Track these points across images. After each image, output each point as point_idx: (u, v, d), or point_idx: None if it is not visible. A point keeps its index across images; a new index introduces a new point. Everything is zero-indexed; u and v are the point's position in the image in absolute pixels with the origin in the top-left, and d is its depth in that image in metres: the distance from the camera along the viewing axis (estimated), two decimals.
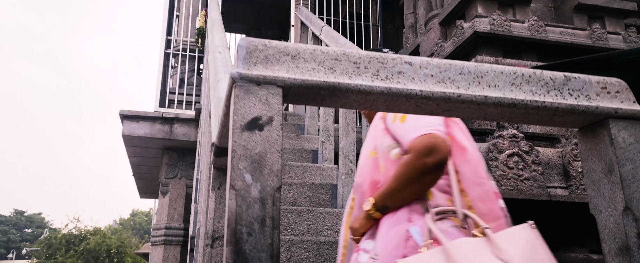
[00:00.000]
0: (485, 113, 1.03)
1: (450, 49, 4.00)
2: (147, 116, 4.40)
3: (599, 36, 3.79)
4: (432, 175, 1.20)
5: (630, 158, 1.00)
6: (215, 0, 4.14)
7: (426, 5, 4.91)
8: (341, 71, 0.96)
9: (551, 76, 1.05)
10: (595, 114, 1.03)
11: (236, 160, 0.84)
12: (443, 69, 1.01)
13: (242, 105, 0.87)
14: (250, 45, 0.93)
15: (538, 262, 1.03)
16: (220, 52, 2.24)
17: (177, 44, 5.06)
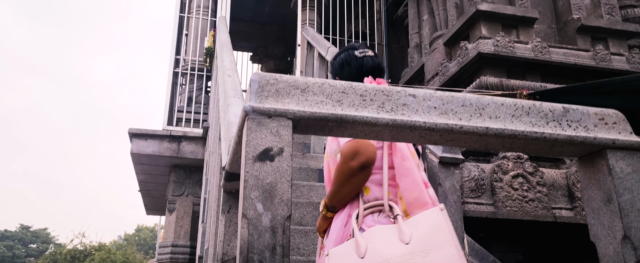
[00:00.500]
0: (486, 143, 1.07)
1: (454, 69, 4.05)
2: (156, 134, 4.46)
3: (603, 57, 3.83)
4: (359, 175, 1.32)
5: (629, 188, 1.03)
6: (224, 22, 4.23)
7: (431, 25, 4.98)
8: (348, 103, 1.00)
9: (550, 108, 1.09)
10: (593, 145, 1.06)
11: (248, 190, 0.88)
12: (446, 101, 1.05)
13: (254, 137, 0.92)
14: (262, 79, 0.98)
15: (436, 241, 1.13)
16: (230, 75, 2.30)
17: (186, 63, 5.15)
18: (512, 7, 4.00)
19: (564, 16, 4.22)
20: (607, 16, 4.13)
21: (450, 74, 4.12)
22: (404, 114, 1.02)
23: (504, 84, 3.60)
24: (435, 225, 1.16)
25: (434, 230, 1.15)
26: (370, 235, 1.19)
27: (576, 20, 4.06)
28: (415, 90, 1.06)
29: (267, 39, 8.28)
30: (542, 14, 4.30)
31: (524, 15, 3.97)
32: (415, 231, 1.16)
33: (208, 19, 5.35)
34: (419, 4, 5.34)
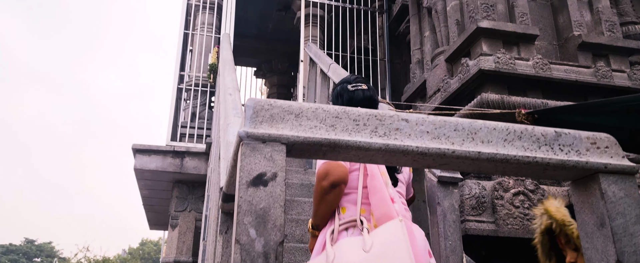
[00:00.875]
0: (479, 167, 1.08)
1: (456, 85, 4.07)
2: (159, 149, 4.50)
3: (604, 74, 3.83)
4: (331, 193, 1.50)
5: (621, 212, 1.04)
6: (227, 40, 4.29)
7: (432, 42, 5.02)
8: (341, 128, 1.02)
9: (542, 132, 1.10)
10: (585, 169, 1.07)
11: (241, 215, 0.89)
12: (438, 126, 1.07)
13: (248, 162, 0.94)
14: (257, 105, 1.00)
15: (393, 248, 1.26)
16: (231, 94, 2.32)
17: (190, 79, 5.21)
18: (513, 25, 4.03)
19: (564, 33, 4.25)
20: (608, 33, 4.15)
21: (451, 90, 4.14)
22: (397, 138, 1.03)
23: (505, 101, 3.61)
24: (393, 234, 1.29)
25: (392, 239, 1.28)
26: (339, 246, 1.35)
27: (577, 37, 4.08)
28: (408, 115, 1.07)
29: (271, 55, 8.36)
30: (543, 30, 4.33)
31: (524, 32, 4.00)
32: (376, 241, 1.30)
33: (212, 36, 5.42)
34: (421, 21, 5.38)
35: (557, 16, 4.37)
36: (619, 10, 4.63)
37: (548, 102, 3.66)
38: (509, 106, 3.62)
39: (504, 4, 4.26)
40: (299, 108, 1.01)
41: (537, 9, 4.43)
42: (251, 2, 6.72)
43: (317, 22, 6.04)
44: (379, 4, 6.38)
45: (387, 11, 6.30)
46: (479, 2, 4.11)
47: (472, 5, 4.16)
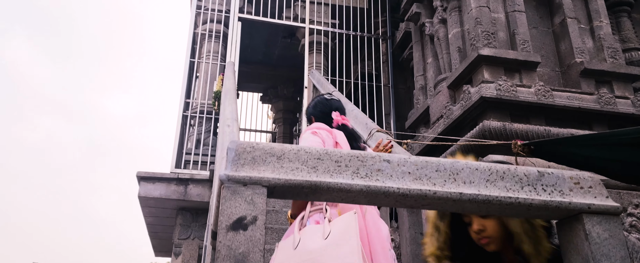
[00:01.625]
0: (462, 207, 1.08)
1: (458, 112, 4.07)
2: (163, 177, 4.53)
3: (607, 101, 3.82)
4: None
5: (606, 254, 1.03)
6: (231, 68, 4.36)
7: (435, 68, 5.05)
8: (323, 169, 1.03)
9: (525, 172, 1.10)
10: (569, 210, 1.07)
11: (220, 260, 0.90)
12: (420, 167, 1.08)
13: (228, 206, 0.95)
14: (239, 148, 1.02)
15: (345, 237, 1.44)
16: (229, 125, 2.35)
17: (195, 106, 5.28)
18: (514, 52, 4.05)
19: (567, 60, 4.26)
20: (610, 60, 4.14)
21: (454, 117, 4.14)
22: (379, 180, 1.04)
23: (507, 128, 3.60)
24: (347, 225, 1.47)
25: (345, 229, 1.46)
26: (304, 232, 1.57)
27: (579, 64, 4.09)
28: (390, 156, 1.08)
29: (276, 80, 8.45)
30: (545, 57, 4.34)
31: (526, 59, 4.01)
32: (333, 229, 1.49)
33: (217, 64, 5.52)
34: (424, 47, 5.44)
35: (559, 43, 4.38)
36: (622, 36, 4.64)
37: (551, 129, 3.64)
38: (511, 133, 3.60)
39: (505, 32, 4.29)
40: (281, 150, 1.03)
41: (538, 35, 4.45)
42: (257, 30, 6.84)
43: (321, 49, 6.12)
44: (382, 30, 6.46)
45: (390, 38, 6.38)
46: (480, 30, 4.15)
47: (473, 33, 4.20)
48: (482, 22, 4.19)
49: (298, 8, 6.22)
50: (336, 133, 2.06)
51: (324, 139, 2.00)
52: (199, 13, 5.77)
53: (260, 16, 6.03)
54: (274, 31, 6.98)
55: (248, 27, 6.23)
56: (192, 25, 5.68)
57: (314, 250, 1.46)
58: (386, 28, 6.44)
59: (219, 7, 5.81)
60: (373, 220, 1.78)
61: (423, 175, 1.07)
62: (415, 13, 5.38)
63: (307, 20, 6.15)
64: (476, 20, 4.22)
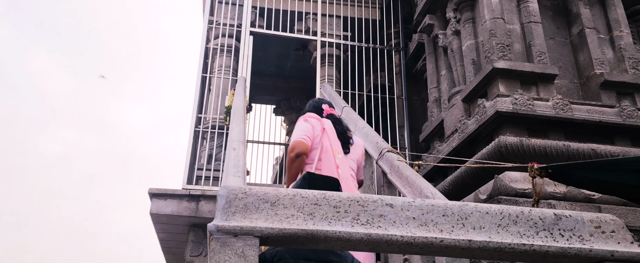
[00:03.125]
0: (472, 255, 1.00)
1: (473, 126, 3.96)
2: (175, 194, 4.51)
3: (630, 114, 3.67)
4: (296, 161, 2.31)
5: None
6: (242, 83, 4.33)
7: (449, 81, 4.95)
8: (321, 216, 0.97)
9: (540, 215, 1.02)
10: (589, 258, 0.98)
11: None
12: (426, 211, 1.00)
13: (217, 260, 0.89)
14: (230, 194, 0.96)
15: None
16: (235, 148, 2.30)
17: (207, 121, 5.27)
18: (531, 64, 3.93)
19: (586, 71, 4.12)
20: (632, 70, 3.99)
21: (469, 132, 4.03)
22: (381, 227, 0.97)
23: (524, 144, 3.48)
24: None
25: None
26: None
27: (599, 76, 3.94)
28: (393, 199, 1.01)
29: (289, 92, 8.42)
30: (563, 69, 4.21)
31: (543, 71, 3.89)
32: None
33: (229, 78, 5.51)
34: (437, 59, 5.34)
35: (577, 54, 4.25)
36: None
37: (570, 144, 3.51)
38: (529, 149, 3.48)
39: (521, 43, 4.17)
40: (276, 195, 0.97)
41: (555, 47, 4.32)
42: (270, 43, 6.83)
43: (333, 61, 6.07)
44: (394, 42, 6.39)
45: (403, 49, 6.29)
46: (495, 42, 4.05)
47: (488, 45, 4.10)
48: (496, 34, 4.09)
49: (309, 21, 6.19)
50: (324, 121, 2.52)
51: (314, 125, 2.45)
52: (211, 28, 5.78)
53: (272, 30, 6.01)
54: (286, 43, 6.97)
55: (260, 40, 6.23)
56: (204, 40, 5.69)
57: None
58: (399, 39, 6.37)
59: (231, 21, 5.81)
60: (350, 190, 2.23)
61: (429, 220, 0.99)
62: (428, 25, 5.29)
63: (318, 33, 6.12)
64: (490, 32, 4.11)
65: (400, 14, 6.40)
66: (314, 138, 2.39)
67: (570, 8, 4.40)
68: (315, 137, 2.39)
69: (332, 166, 2.25)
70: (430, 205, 1.00)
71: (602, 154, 3.45)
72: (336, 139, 2.43)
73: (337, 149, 2.35)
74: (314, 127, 2.42)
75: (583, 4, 4.30)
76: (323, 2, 6.22)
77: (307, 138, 2.36)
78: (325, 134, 2.40)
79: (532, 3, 4.28)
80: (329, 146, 2.32)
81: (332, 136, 2.41)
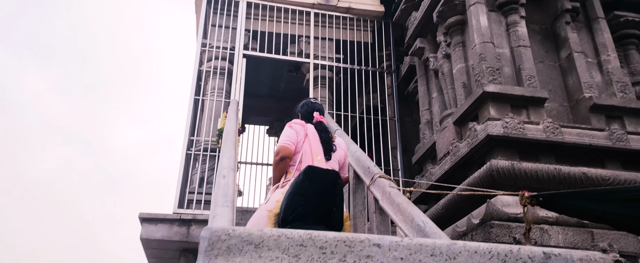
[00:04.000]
0: None
1: (465, 150, 3.97)
2: (166, 218, 4.45)
3: (619, 137, 3.70)
4: (280, 164, 2.60)
5: None
6: (235, 107, 4.32)
7: (440, 103, 4.98)
8: (306, 258, 0.95)
9: (529, 254, 1.01)
10: None
11: None
12: (413, 251, 0.99)
13: None
14: (213, 236, 0.94)
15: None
16: (225, 176, 2.28)
17: (199, 144, 5.24)
18: (520, 88, 3.97)
19: (575, 94, 4.16)
20: (620, 94, 4.04)
21: (461, 155, 4.04)
22: None
23: (516, 168, 3.49)
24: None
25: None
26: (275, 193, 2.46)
27: (588, 99, 3.98)
28: (381, 239, 1.00)
29: (283, 113, 8.43)
30: (553, 92, 4.25)
31: (533, 95, 3.93)
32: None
33: (222, 101, 5.50)
34: (428, 82, 5.38)
35: (567, 77, 4.30)
36: (630, 70, 4.54)
37: (561, 168, 3.52)
38: (520, 173, 3.49)
39: (511, 67, 4.22)
40: (260, 236, 0.95)
41: (545, 70, 4.38)
42: (263, 64, 6.86)
43: (325, 83, 6.10)
44: (386, 64, 6.44)
45: (395, 71, 6.35)
46: (485, 65, 4.09)
47: (478, 69, 4.14)
48: (486, 57, 4.14)
49: (302, 44, 6.24)
50: (308, 126, 2.76)
51: (298, 131, 2.70)
52: (204, 51, 5.80)
53: (265, 52, 6.05)
54: (279, 65, 7.00)
55: (254, 62, 6.25)
56: (197, 63, 5.71)
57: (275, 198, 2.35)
58: (391, 62, 6.43)
59: (224, 44, 5.84)
60: None
61: (417, 260, 0.98)
62: (419, 48, 5.35)
63: (311, 56, 6.16)
64: (480, 56, 4.16)
65: (392, 37, 6.47)
66: (297, 142, 2.66)
67: (558, 32, 4.47)
68: (298, 142, 2.66)
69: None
70: (418, 244, 0.99)
71: (592, 178, 3.46)
72: (318, 143, 2.70)
73: (317, 152, 2.64)
74: (298, 133, 2.69)
75: (571, 29, 4.38)
76: (316, 25, 6.28)
77: (291, 143, 2.63)
78: (307, 139, 2.68)
79: (521, 27, 4.35)
80: (309, 149, 2.63)
81: (313, 141, 2.69)
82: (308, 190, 1.85)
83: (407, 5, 5.74)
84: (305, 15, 6.29)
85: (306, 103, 3.02)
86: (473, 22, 4.37)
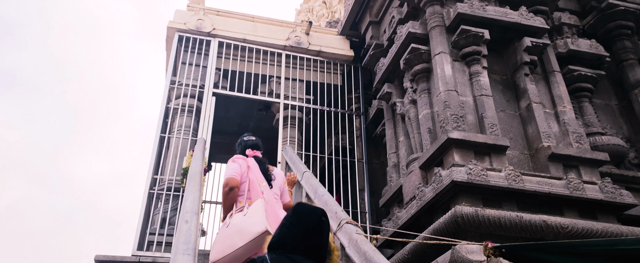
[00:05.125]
0: None
1: (430, 195, 4.02)
2: (124, 261, 4.25)
3: (576, 186, 3.83)
4: (230, 194, 2.89)
5: None
6: (202, 146, 4.26)
7: (407, 147, 5.07)
8: None
9: None
10: None
11: None
12: None
13: None
14: None
15: (255, 210, 2.68)
16: (187, 221, 2.22)
17: (162, 183, 5.10)
18: (483, 136, 4.09)
19: (534, 143, 4.32)
20: (576, 144, 4.23)
21: (427, 199, 4.08)
22: None
23: (479, 215, 3.55)
24: (257, 205, 2.74)
25: (256, 207, 2.71)
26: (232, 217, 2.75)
27: (547, 148, 4.15)
28: None
29: None
30: (514, 140, 4.41)
31: (495, 143, 4.05)
32: (248, 210, 2.73)
33: (189, 139, 5.42)
34: (395, 125, 5.49)
35: (526, 126, 4.47)
36: (585, 121, 4.78)
37: (523, 215, 3.60)
38: (484, 220, 3.54)
39: (474, 115, 4.37)
40: None
41: (506, 118, 4.55)
42: (232, 103, 6.85)
43: (295, 123, 6.12)
44: (355, 106, 6.56)
45: (363, 114, 6.46)
46: (449, 112, 4.22)
47: (443, 115, 4.26)
48: (450, 105, 4.28)
49: (273, 84, 6.30)
50: (249, 160, 3.14)
51: (240, 164, 3.06)
52: (173, 88, 5.76)
53: (236, 91, 6.06)
54: (249, 104, 7.00)
55: (223, 100, 6.24)
56: (165, 100, 5.65)
57: (238, 222, 2.63)
58: (359, 104, 6.54)
59: (194, 82, 5.82)
60: (273, 209, 2.90)
61: None
62: (387, 92, 5.49)
63: (282, 96, 6.21)
64: (445, 103, 4.30)
65: (361, 81, 6.62)
66: (242, 174, 3.00)
67: (518, 83, 4.69)
68: (243, 173, 3.01)
69: (258, 192, 2.93)
70: None
71: (552, 226, 3.55)
72: (259, 172, 3.09)
73: (260, 180, 3.03)
74: (241, 166, 3.04)
75: (529, 80, 4.60)
76: (287, 67, 6.37)
77: (236, 175, 2.96)
78: (250, 170, 3.05)
79: (483, 77, 4.54)
80: (254, 178, 3.00)
81: (255, 171, 3.07)
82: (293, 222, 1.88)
83: (375, 51, 5.93)
84: (276, 57, 6.39)
85: (240, 141, 3.37)
86: (438, 71, 4.54)
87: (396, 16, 5.54)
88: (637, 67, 5.15)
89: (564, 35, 5.20)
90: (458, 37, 4.64)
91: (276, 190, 3.16)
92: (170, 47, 6.23)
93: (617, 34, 5.33)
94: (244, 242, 2.47)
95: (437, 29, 4.79)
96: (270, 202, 2.91)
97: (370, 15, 6.30)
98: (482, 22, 4.68)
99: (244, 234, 2.51)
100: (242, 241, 2.47)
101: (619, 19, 5.28)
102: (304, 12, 12.71)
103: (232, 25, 6.43)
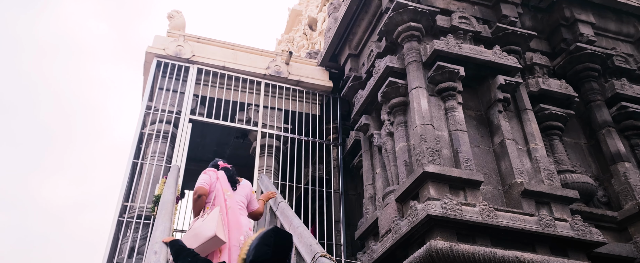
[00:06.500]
0: None
1: (406, 228, 4.00)
2: None
3: (548, 223, 3.88)
4: (198, 201, 3.33)
5: None
6: (175, 173, 4.18)
7: (383, 179, 5.07)
8: None
9: None
10: None
11: None
12: None
13: None
14: None
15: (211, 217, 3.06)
16: (156, 252, 2.15)
17: (133, 210, 4.94)
18: (458, 170, 4.14)
19: (508, 179, 4.39)
20: (547, 181, 4.31)
21: (402, 232, 4.06)
22: None
23: (454, 250, 3.54)
24: (213, 212, 3.08)
25: (212, 214, 3.07)
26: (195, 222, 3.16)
27: (519, 184, 4.21)
28: None
29: None
30: (488, 175, 4.46)
31: (469, 177, 4.10)
32: (206, 215, 3.11)
33: (162, 165, 5.31)
34: (372, 157, 5.51)
35: (500, 162, 4.55)
36: (556, 158, 4.90)
37: (496, 251, 3.62)
38: (458, 255, 3.54)
39: (449, 149, 4.43)
40: None
41: (480, 154, 4.62)
42: (209, 130, 6.78)
43: (272, 152, 6.08)
44: (333, 136, 6.57)
45: (341, 144, 6.47)
46: (425, 146, 4.26)
47: (419, 149, 4.30)
48: (426, 139, 4.33)
49: (251, 112, 6.28)
50: (219, 173, 3.55)
51: (211, 175, 3.48)
52: (149, 113, 5.67)
53: (213, 118, 6.01)
54: (226, 131, 6.94)
55: (200, 127, 6.17)
56: (139, 125, 5.55)
57: (197, 226, 3.02)
58: (337, 135, 6.57)
59: (170, 108, 5.76)
60: (234, 215, 3.29)
61: None
62: (364, 124, 5.53)
63: (259, 124, 6.18)
64: (421, 137, 4.35)
65: (339, 111, 6.67)
66: (211, 184, 3.40)
67: (492, 119, 4.80)
68: (212, 183, 3.41)
69: (222, 200, 3.31)
70: None
71: (525, 262, 3.56)
72: (227, 182, 3.51)
73: (226, 189, 3.43)
74: (211, 177, 3.47)
75: (503, 117, 4.72)
76: (266, 95, 6.38)
77: (206, 184, 3.37)
78: (218, 180, 3.46)
79: (458, 112, 4.63)
80: (220, 188, 3.40)
81: (223, 181, 3.49)
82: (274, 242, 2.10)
83: (354, 83, 6.01)
84: (255, 85, 6.39)
85: (212, 162, 3.79)
86: (414, 105, 4.62)
87: (375, 50, 5.65)
88: (603, 108, 5.35)
89: (536, 74, 5.38)
90: (434, 72, 4.75)
91: (242, 199, 3.56)
92: (147, 72, 6.18)
93: (585, 76, 5.55)
94: (197, 243, 2.89)
95: (414, 64, 4.89)
96: (233, 209, 3.34)
97: (349, 48, 6.41)
98: (458, 59, 4.81)
99: (198, 237, 2.95)
100: (196, 243, 2.89)
101: (586, 62, 5.51)
102: (284, 42, 12.86)
103: (212, 52, 6.44)
